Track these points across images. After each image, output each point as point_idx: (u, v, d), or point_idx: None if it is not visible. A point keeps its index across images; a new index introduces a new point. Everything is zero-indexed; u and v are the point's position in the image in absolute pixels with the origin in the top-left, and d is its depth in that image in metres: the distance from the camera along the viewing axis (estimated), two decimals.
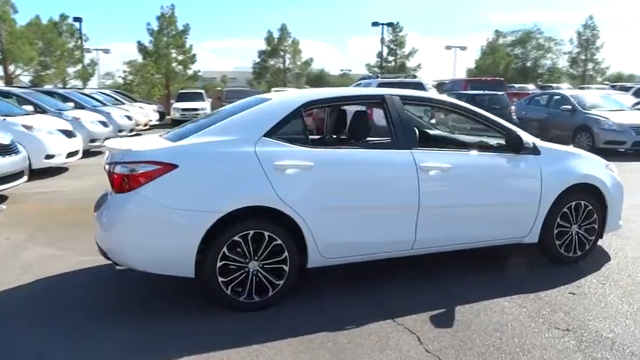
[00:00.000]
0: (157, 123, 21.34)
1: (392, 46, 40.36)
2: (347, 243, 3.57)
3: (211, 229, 3.20)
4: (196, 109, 21.88)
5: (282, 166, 3.37)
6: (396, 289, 3.75)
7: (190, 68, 34.77)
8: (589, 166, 4.33)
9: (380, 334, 3.03)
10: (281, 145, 3.45)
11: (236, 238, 3.27)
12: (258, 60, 41.19)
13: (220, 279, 3.28)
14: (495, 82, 19.73)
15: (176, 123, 22.00)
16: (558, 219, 4.16)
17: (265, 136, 3.43)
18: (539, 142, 4.17)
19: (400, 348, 2.88)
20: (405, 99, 3.94)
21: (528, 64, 44.08)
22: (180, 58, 34.20)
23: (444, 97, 4.48)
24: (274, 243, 3.36)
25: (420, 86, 12.05)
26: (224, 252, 3.25)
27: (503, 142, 4.10)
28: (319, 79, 45.51)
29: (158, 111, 23.34)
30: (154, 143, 3.53)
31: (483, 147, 4.15)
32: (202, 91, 25.39)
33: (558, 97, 13.67)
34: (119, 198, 3.24)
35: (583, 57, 41.86)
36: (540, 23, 67.71)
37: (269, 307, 3.37)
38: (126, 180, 3.20)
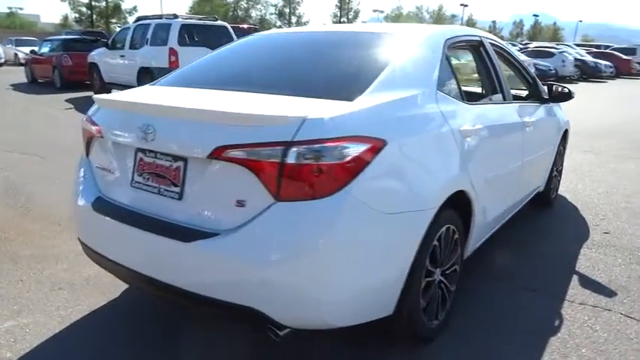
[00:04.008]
0: None
1: None
2: (489, 222, 2.91)
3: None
4: None
5: (466, 131, 2.40)
6: (516, 266, 3.30)
7: None
8: (563, 111, 4.68)
9: (609, 329, 2.57)
10: (453, 102, 2.44)
11: (435, 241, 2.23)
12: None
13: (422, 303, 2.21)
14: (252, 30, 19.56)
15: None
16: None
17: (437, 89, 2.36)
18: None
19: None
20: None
21: (239, 13, 45.30)
22: None
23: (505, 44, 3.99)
24: (454, 238, 2.45)
25: (225, 30, 10.82)
26: (427, 264, 2.18)
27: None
28: None
29: None
30: (295, 104, 1.96)
31: (521, 98, 3.99)
32: None
33: None
34: (305, 209, 1.71)
35: (288, 10, 45.54)
36: None
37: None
38: (315, 174, 1.70)
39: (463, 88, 2.71)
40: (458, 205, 2.42)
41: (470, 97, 2.80)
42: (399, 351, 2.31)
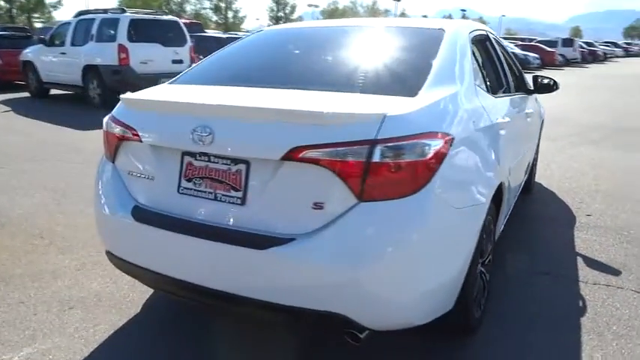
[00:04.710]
0: None
1: None
2: (507, 211, 2.98)
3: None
4: None
5: (500, 124, 2.45)
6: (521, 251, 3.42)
7: None
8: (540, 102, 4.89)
9: (628, 306, 2.69)
10: (486, 96, 2.47)
11: (483, 233, 2.24)
12: None
13: (474, 295, 2.23)
14: (194, 25, 19.01)
15: None
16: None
17: (474, 83, 2.37)
18: None
19: None
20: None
21: (174, 7, 43.80)
22: None
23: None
24: (491, 228, 2.48)
25: (176, 25, 10.40)
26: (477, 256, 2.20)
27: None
28: None
29: None
30: (364, 101, 1.91)
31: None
32: None
33: None
34: (390, 208, 1.66)
35: (223, 5, 44.55)
36: None
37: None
38: (400, 173, 1.65)
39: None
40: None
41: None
42: (448, 345, 2.33)
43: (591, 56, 37.62)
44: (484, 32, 3.10)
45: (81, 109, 9.87)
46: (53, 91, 11.60)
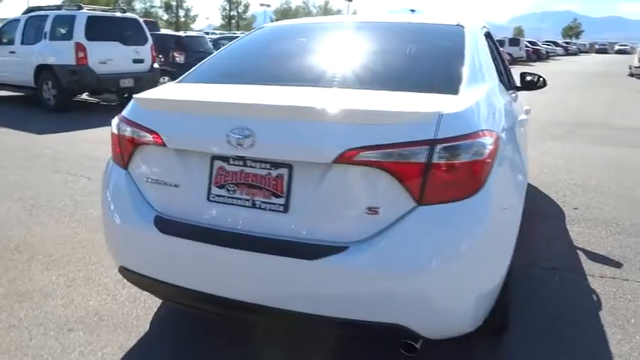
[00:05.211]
0: None
1: None
2: None
3: None
4: None
5: (521, 121, 2.43)
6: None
7: None
8: None
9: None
10: (507, 93, 2.44)
11: None
12: None
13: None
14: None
15: None
16: None
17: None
18: None
19: None
20: None
21: (122, 5, 42.26)
22: None
23: None
24: None
25: (136, 23, 9.96)
26: None
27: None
28: None
29: None
30: (400, 99, 1.81)
31: None
32: None
33: None
34: (451, 211, 1.57)
35: (174, 3, 43.38)
36: None
37: None
38: (460, 173, 1.57)
39: None
40: None
41: None
42: (482, 344, 2.28)
43: (535, 55, 39.29)
44: (487, 28, 3.09)
45: (34, 111, 9.27)
46: (1, 93, 10.87)
